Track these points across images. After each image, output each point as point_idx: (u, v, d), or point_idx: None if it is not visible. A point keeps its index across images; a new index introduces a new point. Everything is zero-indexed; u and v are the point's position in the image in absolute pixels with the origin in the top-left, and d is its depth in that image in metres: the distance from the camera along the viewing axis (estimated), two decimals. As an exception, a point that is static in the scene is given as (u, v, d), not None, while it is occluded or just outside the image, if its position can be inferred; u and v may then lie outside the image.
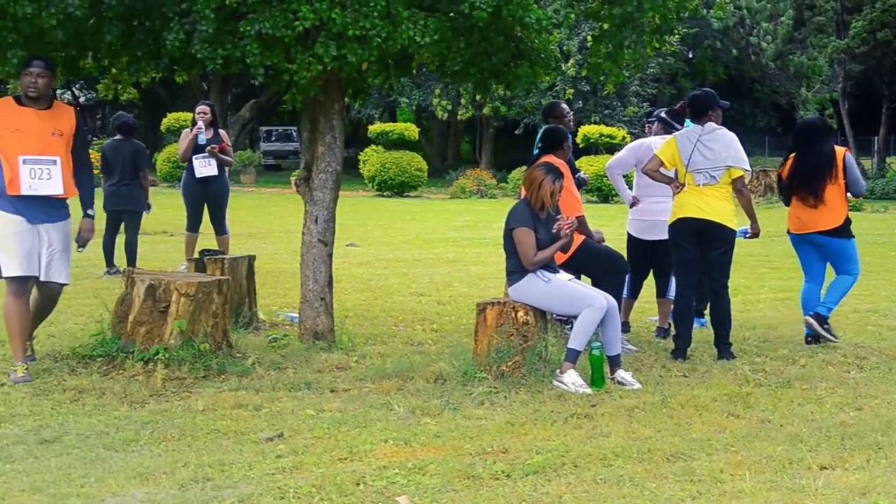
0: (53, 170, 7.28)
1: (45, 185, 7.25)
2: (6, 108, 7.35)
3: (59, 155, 7.34)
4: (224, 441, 5.89)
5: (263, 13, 7.31)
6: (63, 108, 7.58)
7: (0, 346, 8.37)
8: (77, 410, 6.51)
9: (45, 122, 7.33)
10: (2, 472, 5.24)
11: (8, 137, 7.21)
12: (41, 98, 7.38)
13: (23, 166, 7.19)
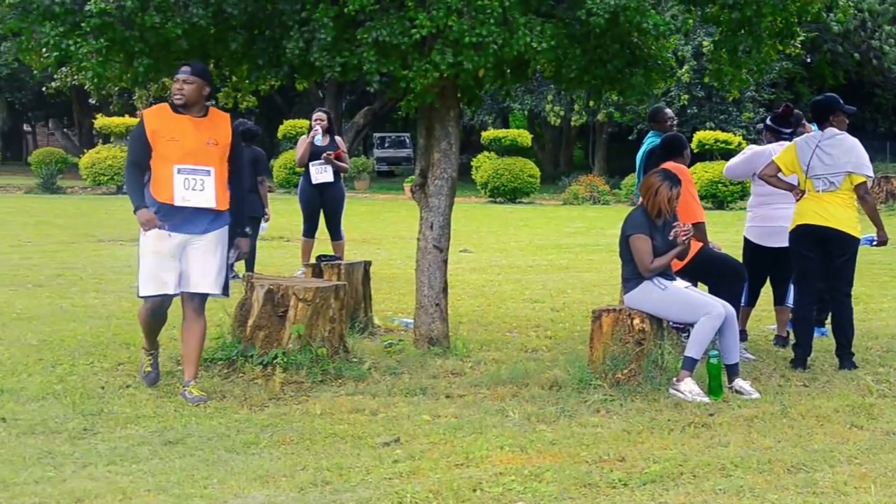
0: (207, 181, 7.01)
1: (198, 196, 6.99)
2: (163, 116, 7.09)
3: (214, 165, 7.05)
4: (342, 445, 5.95)
5: (381, 21, 7.38)
6: (219, 117, 7.26)
7: (126, 350, 8.58)
8: (199, 413, 6.64)
9: (201, 131, 7.05)
10: (128, 471, 5.37)
11: (164, 146, 6.95)
12: (191, 105, 7.07)
13: (177, 176, 6.94)
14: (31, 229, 21.06)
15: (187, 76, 7.04)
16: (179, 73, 7.05)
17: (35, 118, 62.01)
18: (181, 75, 7.04)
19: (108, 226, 21.98)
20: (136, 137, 7.10)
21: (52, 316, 10.20)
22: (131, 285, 12.25)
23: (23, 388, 7.18)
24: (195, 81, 7.03)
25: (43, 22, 7.43)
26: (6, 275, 13.27)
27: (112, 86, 8.26)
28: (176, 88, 7.04)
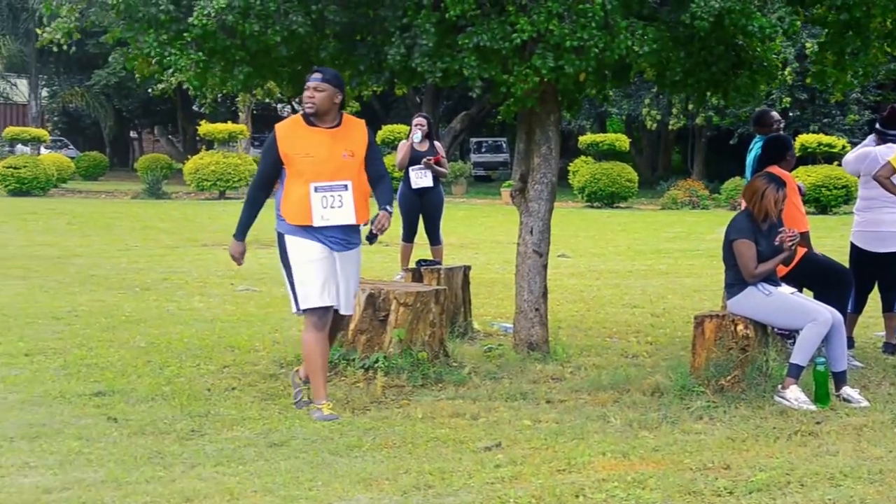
0: (345, 196, 6.62)
1: (338, 213, 6.62)
2: (297, 130, 6.73)
3: (351, 178, 6.66)
4: (443, 449, 5.97)
5: (482, 26, 7.39)
6: (353, 124, 6.88)
7: (230, 353, 8.72)
8: (302, 415, 6.72)
9: (336, 143, 6.69)
10: (235, 472, 5.46)
11: (300, 163, 6.60)
12: (323, 114, 6.71)
13: (314, 195, 6.58)
14: (137, 234, 21.51)
15: (318, 83, 6.68)
16: (310, 81, 6.70)
17: (141, 125, 63.32)
18: (312, 82, 6.69)
19: (212, 230, 22.35)
20: (267, 153, 6.77)
21: (159, 319, 10.41)
22: (235, 289, 12.45)
23: (133, 390, 7.34)
24: (326, 89, 6.66)
25: (147, 30, 7.59)
26: (115, 278, 13.58)
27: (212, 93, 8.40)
28: (307, 97, 6.68)
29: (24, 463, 5.61)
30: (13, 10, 47.64)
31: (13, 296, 11.74)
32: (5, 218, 24.39)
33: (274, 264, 15.38)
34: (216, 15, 7.20)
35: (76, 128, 61.06)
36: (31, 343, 8.97)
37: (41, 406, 6.89)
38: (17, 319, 10.13)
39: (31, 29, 46.97)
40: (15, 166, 34.18)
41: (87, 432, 6.23)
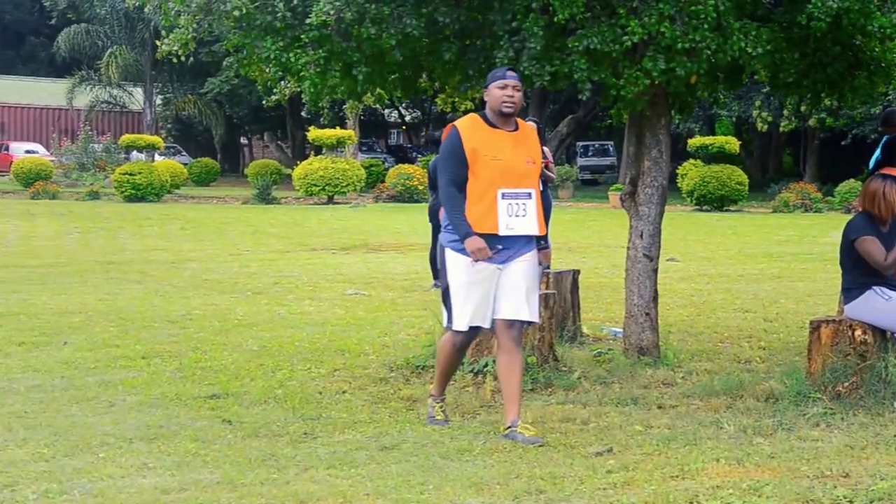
0: (529, 204, 6.22)
1: (522, 223, 6.22)
2: (480, 130, 6.29)
3: (534, 187, 6.28)
4: (554, 454, 5.95)
5: (592, 29, 7.35)
6: (529, 130, 6.50)
7: (341, 356, 8.80)
8: (413, 419, 6.75)
9: (519, 148, 6.29)
10: (347, 475, 5.51)
11: (485, 165, 6.18)
12: (511, 116, 6.34)
13: (501, 201, 6.17)
14: (248, 238, 21.86)
15: (516, 81, 6.30)
16: (507, 79, 6.29)
17: (251, 132, 64.28)
18: (510, 80, 6.28)
19: (321, 235, 22.62)
20: (452, 153, 6.32)
21: (271, 322, 10.56)
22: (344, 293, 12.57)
23: (246, 392, 7.46)
24: (521, 88, 6.33)
25: (264, 37, 7.70)
26: (227, 282, 13.82)
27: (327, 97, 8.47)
28: (505, 95, 6.22)
29: (143, 464, 5.73)
30: (130, 21, 48.76)
31: (130, 300, 12.01)
32: (122, 223, 24.98)
33: (382, 269, 15.60)
34: (334, 12, 7.27)
35: (189, 135, 62.24)
36: (148, 346, 9.17)
37: (158, 408, 7.04)
38: (134, 323, 10.36)
39: (146, 38, 48.11)
40: (131, 173, 35.01)
41: (203, 434, 6.35)
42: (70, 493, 5.21)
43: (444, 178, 6.34)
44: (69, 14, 52.88)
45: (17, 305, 11.32)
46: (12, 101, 60.72)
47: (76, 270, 15.16)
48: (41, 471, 5.56)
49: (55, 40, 53.90)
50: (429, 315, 10.50)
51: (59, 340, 9.33)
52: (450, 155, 6.33)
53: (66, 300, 11.84)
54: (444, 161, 6.38)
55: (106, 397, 7.30)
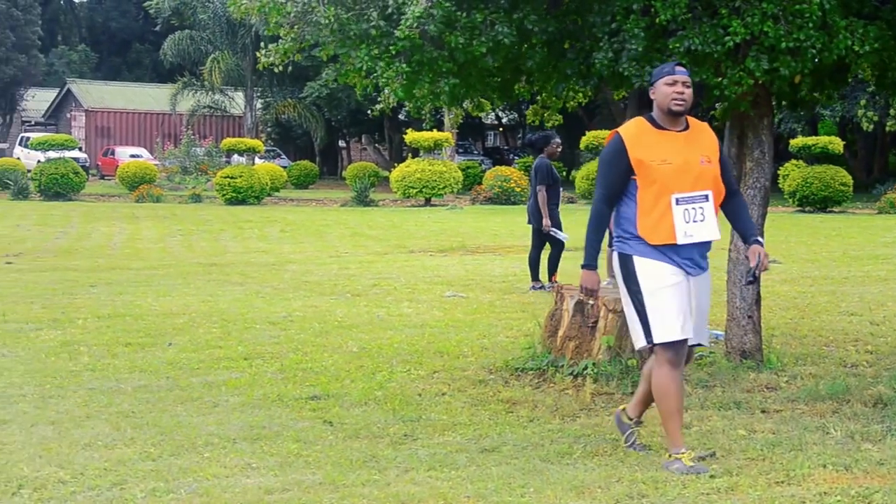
0: (706, 208, 5.75)
1: (700, 228, 5.73)
2: (646, 133, 5.82)
3: (710, 188, 5.79)
4: (656, 458, 5.89)
5: (693, 29, 7.27)
6: (702, 128, 5.99)
7: (440, 358, 8.82)
8: (512, 421, 6.75)
9: (691, 148, 5.80)
10: (448, 477, 5.52)
11: (655, 172, 5.69)
12: (681, 115, 5.85)
13: (676, 207, 5.69)
14: (347, 240, 22.05)
15: (686, 77, 5.83)
16: (676, 74, 5.79)
17: (349, 135, 64.87)
18: (679, 75, 5.80)
19: (418, 237, 22.71)
20: (613, 164, 5.82)
21: (370, 324, 10.63)
22: (442, 295, 12.61)
23: (346, 394, 7.52)
24: (691, 84, 5.86)
25: (359, 45, 7.76)
26: (327, 284, 13.95)
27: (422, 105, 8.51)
28: (675, 92, 5.74)
29: (247, 464, 5.82)
30: (231, 27, 49.52)
31: (232, 301, 12.19)
32: (223, 226, 25.37)
33: (480, 271, 15.61)
34: (417, 25, 7.30)
35: (288, 138, 63.00)
36: (250, 347, 9.29)
37: (260, 409, 7.13)
38: (236, 324, 10.51)
39: (247, 44, 48.81)
40: (231, 176, 35.52)
41: (305, 435, 6.42)
42: (176, 492, 5.31)
43: (599, 191, 5.87)
44: (173, 21, 53.90)
45: (124, 307, 11.56)
46: (118, 107, 62.13)
47: (179, 272, 15.43)
48: (148, 469, 5.68)
49: (160, 47, 54.98)
50: (527, 317, 10.49)
51: (163, 341, 9.50)
52: (610, 165, 5.84)
53: (171, 302, 12.05)
54: (603, 171, 5.88)
55: (210, 398, 7.41)
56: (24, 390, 7.54)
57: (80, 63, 75.24)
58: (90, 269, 15.89)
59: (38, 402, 7.22)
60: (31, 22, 63.22)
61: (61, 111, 64.89)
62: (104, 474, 5.59)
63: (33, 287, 13.17)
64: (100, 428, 6.55)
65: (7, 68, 60.52)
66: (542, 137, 13.53)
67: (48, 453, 5.97)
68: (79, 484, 5.44)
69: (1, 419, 6.72)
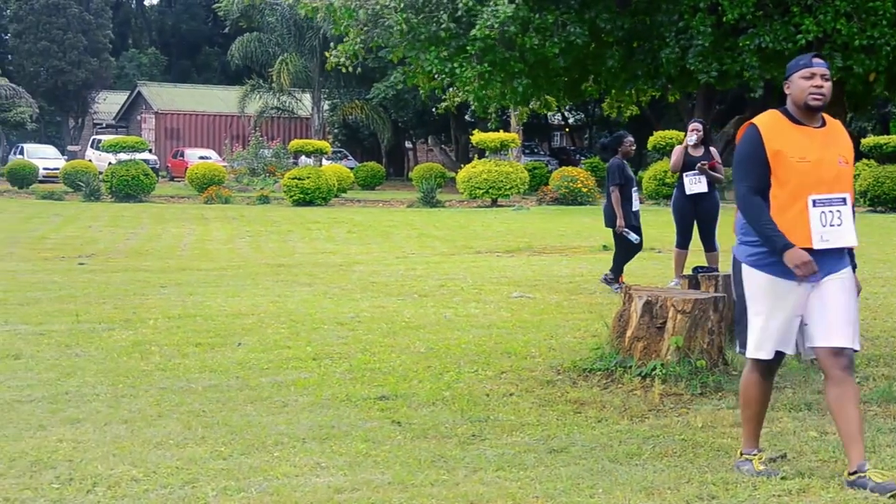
0: (844, 211, 5.42)
1: (837, 233, 5.42)
2: (783, 127, 5.48)
3: (848, 190, 5.46)
4: (726, 459, 5.85)
5: (764, 27, 7.23)
6: (837, 125, 5.69)
7: (507, 359, 8.82)
8: (580, 422, 6.73)
9: (829, 147, 5.48)
10: (517, 477, 5.53)
11: (792, 169, 5.37)
12: (820, 111, 5.54)
13: (812, 210, 5.37)
14: (413, 241, 22.11)
15: (825, 69, 5.49)
16: (814, 66, 5.46)
17: (416, 136, 65.04)
18: (817, 68, 5.46)
19: (485, 238, 22.71)
20: (751, 156, 5.50)
21: (437, 325, 10.65)
22: (509, 296, 12.61)
23: (414, 394, 7.54)
24: (831, 78, 5.54)
25: (428, 48, 7.80)
26: (394, 284, 14.00)
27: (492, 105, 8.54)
28: (812, 86, 5.42)
29: (316, 463, 5.86)
30: (299, 29, 49.89)
31: (300, 302, 12.27)
32: (291, 227, 25.56)
33: (547, 271, 15.58)
34: (499, 26, 7.31)
35: (355, 139, 63.30)
36: (318, 347, 9.35)
37: (329, 408, 7.18)
38: (304, 325, 10.58)
39: (315, 46, 49.14)
40: (299, 177, 35.77)
41: (374, 435, 6.45)
42: (247, 491, 5.36)
43: (743, 186, 5.53)
44: (241, 23, 54.42)
45: (194, 307, 11.69)
46: (187, 109, 62.86)
47: (248, 273, 15.57)
48: (219, 468, 5.75)
49: (228, 49, 55.54)
50: (594, 318, 10.46)
51: (233, 341, 9.60)
52: (748, 159, 5.50)
53: (240, 302, 12.16)
54: (742, 166, 5.55)
55: (279, 397, 7.48)
56: (97, 389, 7.65)
57: (150, 66, 76.26)
58: (160, 269, 16.09)
59: (111, 401, 7.33)
60: (103, 26, 64.19)
61: (132, 113, 65.81)
62: (176, 472, 5.67)
63: (105, 287, 13.37)
64: (171, 427, 6.64)
65: (79, 72, 61.52)
66: (615, 138, 13.47)
67: (121, 451, 6.07)
68: (151, 482, 5.52)
69: (75, 417, 6.83)
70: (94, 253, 19.01)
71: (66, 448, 6.12)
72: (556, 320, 10.83)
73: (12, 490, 5.38)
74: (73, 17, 61.22)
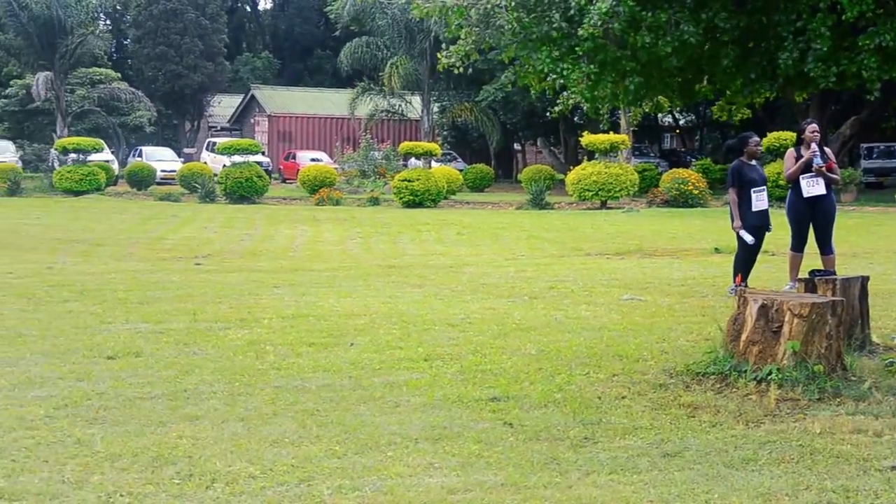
0: None
1: None
2: None
3: None
4: (845, 466, 5.74)
5: (884, 26, 7.06)
6: None
7: (619, 361, 8.77)
8: (694, 426, 6.66)
9: None
10: (630, 481, 5.50)
11: None
12: None
13: None
14: (523, 243, 22.08)
15: None
16: None
17: (524, 137, 64.96)
18: None
19: (594, 240, 22.58)
20: None
21: (548, 327, 10.62)
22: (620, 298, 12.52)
23: (526, 396, 7.54)
24: None
25: (540, 48, 7.78)
26: (504, 286, 14.00)
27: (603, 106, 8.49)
28: None
29: (429, 464, 5.90)
30: (410, 32, 50.17)
31: (411, 303, 12.35)
32: (401, 228, 25.73)
33: (658, 274, 15.43)
34: (602, 23, 7.27)
35: (464, 141, 63.45)
36: (429, 348, 9.40)
37: (441, 409, 7.21)
38: (415, 325, 10.65)
39: (425, 48, 49.36)
40: (409, 179, 35.98)
41: (486, 436, 6.47)
42: (361, 490, 5.42)
43: None
44: (352, 27, 54.93)
45: (307, 307, 11.84)
46: (299, 112, 63.69)
47: (360, 274, 15.72)
48: (334, 467, 5.82)
49: (339, 52, 56.11)
50: (707, 321, 10.33)
51: (345, 342, 9.70)
52: None
53: (351, 303, 12.29)
54: None
55: (391, 397, 7.54)
56: (214, 387, 7.80)
57: (263, 69, 77.44)
58: (274, 270, 16.33)
59: (227, 399, 7.47)
60: (218, 30, 65.44)
61: (245, 116, 66.90)
62: (292, 470, 5.76)
63: (221, 287, 13.61)
64: (287, 425, 6.74)
65: (195, 75, 62.79)
66: (739, 139, 13.23)
67: (238, 449, 6.18)
68: (268, 479, 5.62)
69: (194, 414, 6.98)
70: (209, 253, 19.37)
71: (186, 444, 6.26)
72: (668, 323, 10.73)
73: (136, 484, 5.52)
74: (189, 22, 62.53)
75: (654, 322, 10.89)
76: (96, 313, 11.18)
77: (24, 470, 5.77)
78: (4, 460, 5.92)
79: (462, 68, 8.98)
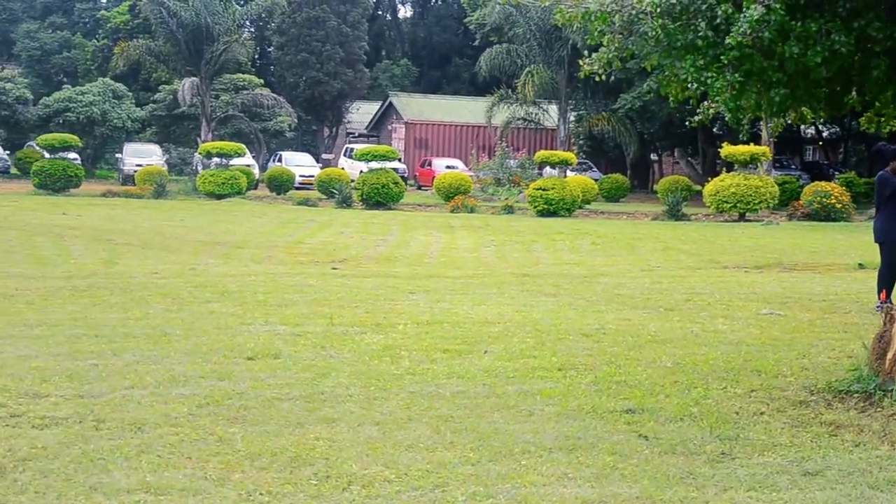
0: None
1: None
2: None
3: None
4: None
5: None
6: None
7: (757, 377, 8.61)
8: (836, 445, 6.51)
9: None
10: (769, 499, 5.40)
11: None
12: None
13: None
14: (659, 254, 21.85)
15: None
16: None
17: (661, 147, 64.27)
18: None
19: (732, 252, 22.22)
20: None
21: (684, 339, 10.49)
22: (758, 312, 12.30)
23: (661, 409, 7.46)
24: None
25: (684, 56, 7.69)
26: (639, 298, 13.87)
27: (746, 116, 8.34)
28: None
29: (563, 474, 5.87)
30: (548, 40, 50.09)
31: (545, 312, 12.33)
32: (535, 237, 25.69)
33: (798, 288, 15.10)
34: (751, 32, 7.14)
35: (600, 150, 63.05)
36: (564, 358, 9.37)
37: (575, 419, 7.18)
38: (549, 335, 10.62)
39: (563, 57, 49.23)
40: (544, 188, 35.91)
41: (620, 448, 6.41)
42: (496, 498, 5.43)
43: None
44: (491, 36, 55.11)
45: (441, 314, 11.90)
46: (436, 119, 64.13)
47: (494, 282, 15.74)
48: (468, 474, 5.84)
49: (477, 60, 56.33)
50: (850, 338, 10.08)
51: (479, 349, 9.72)
52: None
53: (486, 310, 12.31)
54: None
55: (525, 406, 7.53)
56: (350, 391, 7.90)
57: (401, 77, 78.21)
58: (409, 276, 16.47)
59: (363, 402, 7.55)
60: (359, 38, 66.29)
61: (383, 123, 67.63)
62: (426, 476, 5.80)
63: (357, 292, 13.78)
64: (421, 430, 6.78)
65: (335, 82, 63.75)
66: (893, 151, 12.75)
67: (374, 452, 6.25)
68: (403, 484, 5.66)
69: (331, 417, 7.07)
70: (345, 258, 19.64)
71: (323, 446, 6.35)
72: (809, 339, 10.49)
73: (274, 484, 5.63)
74: (331, 29, 63.51)
75: (795, 337, 10.67)
76: (237, 314, 11.43)
77: (168, 466, 5.93)
78: (151, 455, 6.10)
79: (603, 76, 8.89)
